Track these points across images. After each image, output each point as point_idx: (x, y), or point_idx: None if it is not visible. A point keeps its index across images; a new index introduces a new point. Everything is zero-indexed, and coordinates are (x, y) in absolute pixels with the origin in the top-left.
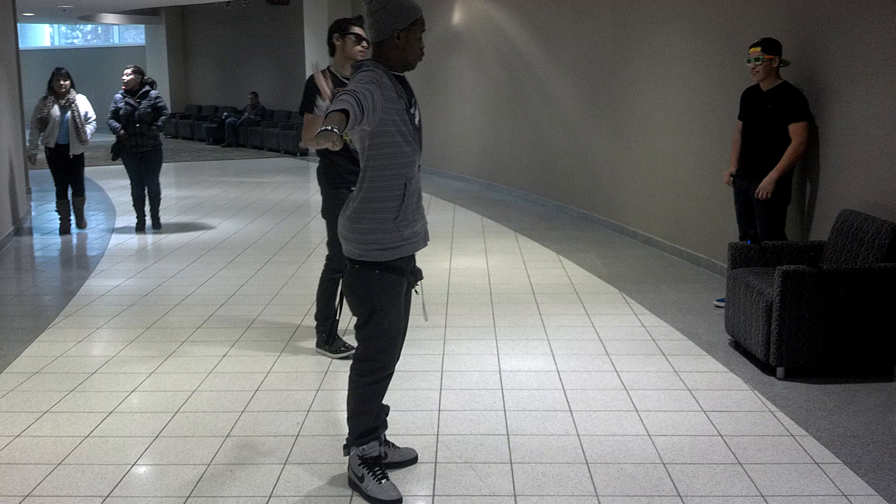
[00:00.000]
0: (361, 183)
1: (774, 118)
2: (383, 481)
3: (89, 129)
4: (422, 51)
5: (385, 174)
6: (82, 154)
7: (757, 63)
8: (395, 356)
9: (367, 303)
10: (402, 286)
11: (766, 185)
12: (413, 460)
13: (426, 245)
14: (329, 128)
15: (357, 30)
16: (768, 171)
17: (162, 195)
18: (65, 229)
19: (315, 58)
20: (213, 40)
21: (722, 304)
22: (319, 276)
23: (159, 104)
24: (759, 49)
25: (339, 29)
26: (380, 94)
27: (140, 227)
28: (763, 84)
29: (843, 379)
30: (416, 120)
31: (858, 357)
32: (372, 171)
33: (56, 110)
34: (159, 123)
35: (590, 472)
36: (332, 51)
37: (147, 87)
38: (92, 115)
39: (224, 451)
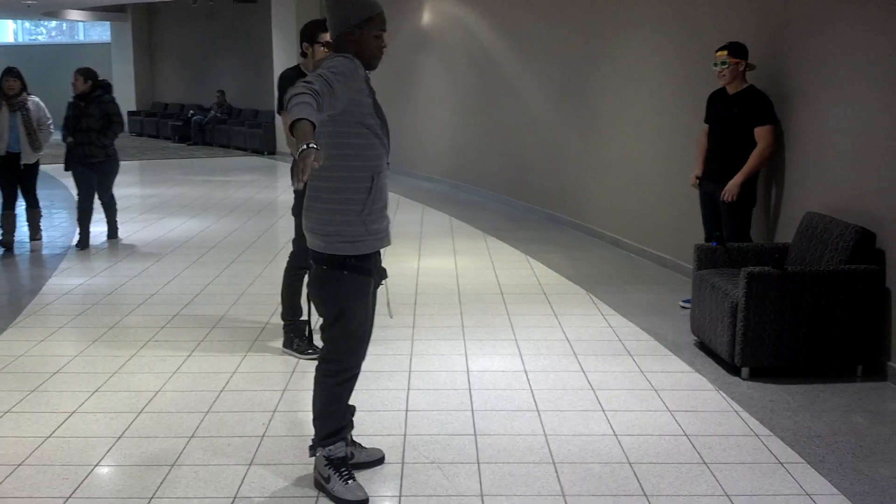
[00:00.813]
0: (331, 173)
1: (740, 121)
2: (350, 482)
3: (47, 134)
4: (380, 50)
5: (353, 165)
6: (36, 163)
7: (723, 67)
8: (362, 357)
9: (335, 303)
10: (370, 286)
11: (731, 188)
12: (380, 461)
13: (389, 244)
14: (307, 146)
15: (326, 38)
16: (734, 174)
17: (118, 201)
18: (7, 243)
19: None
20: (180, 38)
21: (687, 305)
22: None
23: (111, 111)
24: (725, 52)
25: (308, 38)
26: (346, 85)
27: (83, 244)
28: (729, 88)
29: (807, 379)
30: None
31: (822, 358)
32: (339, 161)
33: (5, 114)
34: (108, 136)
35: (556, 471)
36: (304, 54)
37: (99, 92)
38: (48, 117)
39: (188, 452)
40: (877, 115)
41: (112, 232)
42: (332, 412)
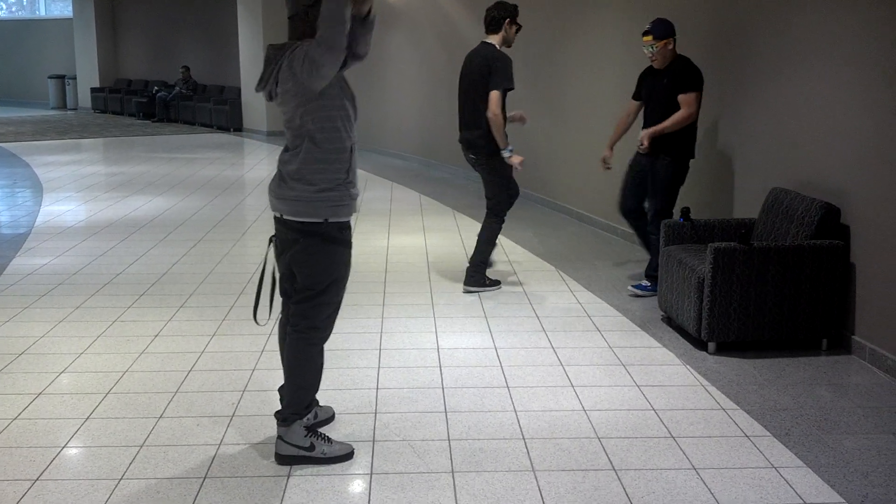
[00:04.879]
0: (312, 146)
1: (670, 92)
2: (331, 442)
3: None
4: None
5: (335, 136)
6: None
7: (653, 51)
8: None
9: (329, 274)
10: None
11: (646, 135)
12: (332, 418)
13: (356, 212)
14: None
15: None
16: (669, 149)
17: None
18: None
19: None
20: (143, 12)
21: (639, 290)
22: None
23: None
24: (650, 38)
25: (513, 14)
26: None
27: None
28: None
29: (772, 353)
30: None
31: (788, 332)
32: (323, 133)
33: None
34: None
35: (526, 447)
36: (497, 28)
37: None
38: None
39: (157, 433)
40: (842, 91)
41: None
42: (314, 382)
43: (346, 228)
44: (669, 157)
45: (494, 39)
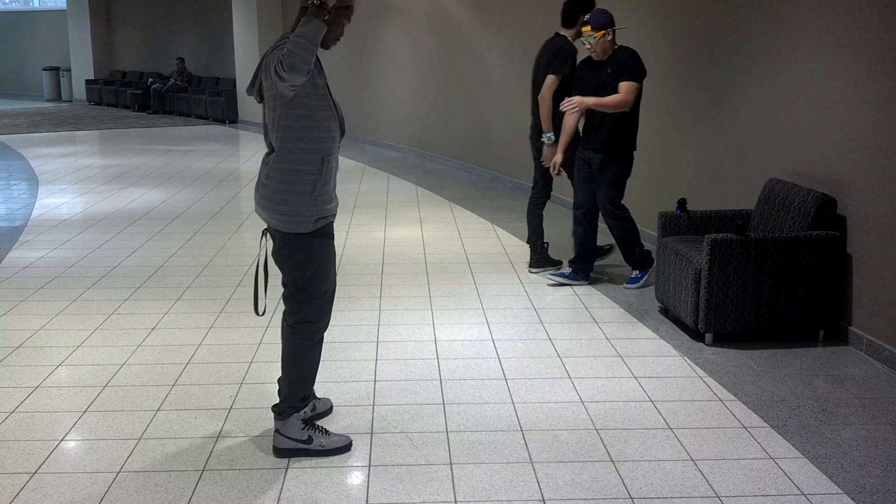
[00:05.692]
0: (279, 154)
1: (615, 82)
2: (329, 434)
3: None
4: (341, 37)
5: (302, 147)
6: None
7: (591, 42)
8: (330, 316)
9: (308, 267)
10: (334, 248)
11: (578, 101)
12: (330, 410)
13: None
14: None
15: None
16: (615, 144)
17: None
18: None
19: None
20: (138, 3)
21: (633, 285)
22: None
23: None
24: (588, 28)
25: (586, 10)
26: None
27: None
28: (598, 56)
29: (769, 344)
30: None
31: (784, 323)
32: (292, 143)
33: None
34: None
35: (524, 439)
36: (572, 22)
37: None
38: None
39: (155, 426)
40: (838, 81)
41: None
42: (310, 375)
43: (307, 230)
44: (616, 153)
45: (567, 32)
